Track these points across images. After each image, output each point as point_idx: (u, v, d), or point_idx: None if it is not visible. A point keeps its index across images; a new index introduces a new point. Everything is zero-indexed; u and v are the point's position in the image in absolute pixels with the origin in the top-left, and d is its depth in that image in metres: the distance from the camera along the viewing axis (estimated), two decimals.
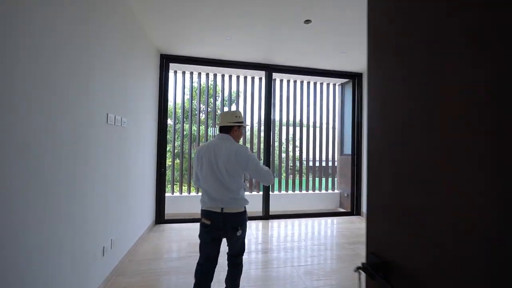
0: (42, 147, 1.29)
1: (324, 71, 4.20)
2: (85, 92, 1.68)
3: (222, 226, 1.53)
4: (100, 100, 1.88)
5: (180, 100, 5.00)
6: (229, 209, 1.54)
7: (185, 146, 4.83)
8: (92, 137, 1.78)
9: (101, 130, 1.91)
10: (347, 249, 2.84)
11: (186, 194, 4.48)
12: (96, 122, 1.83)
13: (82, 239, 1.67)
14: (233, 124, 1.65)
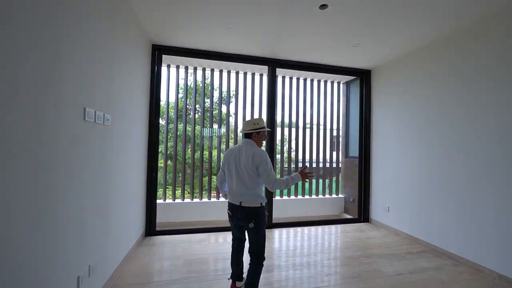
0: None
1: (331, 67, 3.90)
2: (56, 79, 1.28)
3: (240, 217, 1.82)
4: (75, 90, 1.48)
5: (174, 98, 4.59)
6: (246, 203, 1.80)
7: (178, 147, 4.42)
8: (63, 138, 1.38)
9: (76, 129, 1.51)
10: (364, 264, 2.53)
11: (180, 200, 4.07)
12: (70, 119, 1.44)
13: (46, 274, 1.27)
14: (252, 131, 1.91)
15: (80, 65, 1.53)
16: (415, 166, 3.20)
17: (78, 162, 1.53)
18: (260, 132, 1.91)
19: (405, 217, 3.33)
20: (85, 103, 1.59)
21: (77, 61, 1.50)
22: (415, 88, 3.25)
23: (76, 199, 1.53)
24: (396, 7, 2.28)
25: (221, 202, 4.12)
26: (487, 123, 2.41)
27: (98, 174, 1.81)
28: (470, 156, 2.55)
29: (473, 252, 2.49)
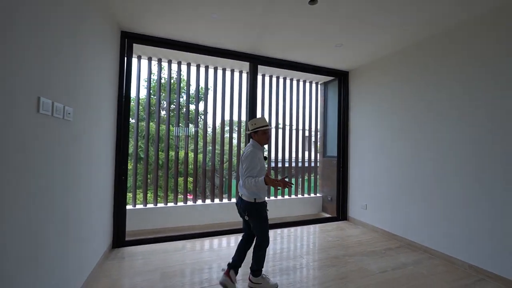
0: None
1: (312, 67, 3.90)
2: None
3: (239, 209, 2.06)
4: (26, 75, 1.17)
5: (146, 93, 4.18)
6: (244, 196, 2.00)
7: (150, 148, 4.05)
8: (8, 134, 1.07)
9: (28, 123, 1.20)
10: (350, 263, 2.53)
11: (152, 205, 3.71)
12: (19, 110, 1.13)
13: None
14: (250, 132, 2.08)
15: (36, 46, 1.22)
16: (392, 166, 3.33)
17: (29, 164, 1.22)
18: (258, 131, 2.04)
19: (382, 214, 3.45)
20: (39, 91, 1.28)
21: (35, 42, 1.19)
22: (391, 90, 3.39)
23: (25, 212, 1.22)
24: (382, 10, 2.32)
25: (198, 205, 3.86)
26: (458, 124, 2.58)
27: (56, 179, 1.49)
28: (441, 156, 2.72)
29: (446, 245, 2.65)
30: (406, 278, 2.25)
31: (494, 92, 2.30)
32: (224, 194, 4.14)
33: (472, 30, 2.47)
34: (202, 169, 4.05)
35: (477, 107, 2.43)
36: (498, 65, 2.28)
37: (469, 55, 2.51)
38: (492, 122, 2.31)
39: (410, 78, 3.13)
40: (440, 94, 2.77)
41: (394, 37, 2.90)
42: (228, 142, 5.04)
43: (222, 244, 3.04)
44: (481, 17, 2.39)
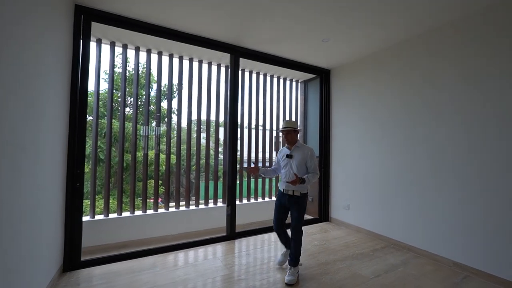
0: None
1: (295, 63, 3.74)
2: None
3: (285, 201, 2.34)
4: None
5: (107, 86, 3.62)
6: (295, 192, 2.27)
7: (112, 149, 3.48)
8: None
9: None
10: (342, 269, 2.39)
11: (115, 215, 3.17)
12: None
13: None
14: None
15: None
16: (374, 166, 3.32)
17: None
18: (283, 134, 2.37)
19: (365, 215, 3.43)
20: None
21: None
22: (373, 89, 3.38)
23: None
24: (371, 6, 2.22)
25: (171, 213, 3.43)
26: (438, 123, 2.61)
27: None
28: (423, 155, 2.74)
29: (429, 243, 2.67)
30: (399, 282, 2.17)
31: (474, 92, 2.35)
32: (201, 200, 3.76)
33: (451, 32, 2.52)
34: (176, 171, 3.61)
35: (457, 106, 2.47)
36: (478, 67, 2.34)
37: (449, 56, 2.55)
38: (472, 122, 2.36)
39: (391, 77, 3.13)
40: (419, 93, 2.80)
41: (379, 35, 2.86)
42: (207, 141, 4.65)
43: (199, 256, 2.69)
44: (457, 21, 2.45)
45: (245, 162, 4.49)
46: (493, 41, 2.25)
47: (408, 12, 2.38)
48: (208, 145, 3.83)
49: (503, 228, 2.15)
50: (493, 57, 2.25)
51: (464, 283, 2.19)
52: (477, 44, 2.35)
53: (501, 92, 2.19)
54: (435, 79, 2.68)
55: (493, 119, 2.23)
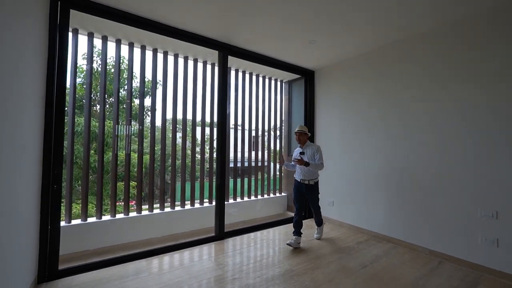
0: None
1: (282, 63, 3.80)
2: None
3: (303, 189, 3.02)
4: None
5: (84, 80, 3.35)
6: (311, 181, 3.00)
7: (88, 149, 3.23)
8: None
9: None
10: (332, 262, 2.49)
11: (94, 219, 2.95)
12: None
13: None
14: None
15: None
16: (357, 163, 3.50)
17: None
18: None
19: (348, 210, 3.60)
20: None
21: None
22: (356, 90, 3.56)
23: None
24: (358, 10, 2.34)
25: (156, 215, 3.28)
26: (419, 121, 2.84)
27: None
28: (401, 151, 2.97)
29: (407, 234, 2.90)
30: (385, 271, 2.33)
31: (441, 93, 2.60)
32: (186, 201, 3.65)
33: (424, 39, 2.76)
34: (161, 172, 3.47)
35: (436, 106, 2.71)
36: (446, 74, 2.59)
37: (428, 60, 2.79)
38: (452, 119, 2.60)
39: (373, 79, 3.33)
40: (401, 94, 3.02)
41: (364, 38, 3.02)
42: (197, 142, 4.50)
43: (189, 258, 2.61)
44: (432, 30, 2.69)
45: (231, 161, 4.45)
46: (458, 51, 2.51)
47: (383, 23, 2.55)
48: (194, 145, 3.73)
49: (469, 218, 2.40)
50: (459, 63, 2.50)
51: (438, 268, 2.40)
52: (445, 53, 2.60)
53: (462, 94, 2.45)
54: (408, 82, 2.91)
55: (458, 116, 2.49)
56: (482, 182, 2.35)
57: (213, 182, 3.69)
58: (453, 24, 2.57)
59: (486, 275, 2.27)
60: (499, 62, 2.27)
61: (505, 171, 2.21)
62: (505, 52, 2.24)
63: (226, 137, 3.26)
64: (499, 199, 2.24)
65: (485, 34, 2.37)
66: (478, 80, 2.39)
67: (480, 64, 2.38)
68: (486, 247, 2.30)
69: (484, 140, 2.35)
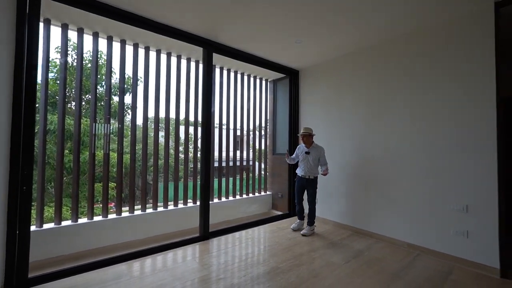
0: None
1: (267, 62, 3.81)
2: None
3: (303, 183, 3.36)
4: None
5: (61, 75, 3.16)
6: (311, 175, 3.33)
7: (64, 147, 3.04)
8: None
9: None
10: (316, 258, 2.52)
11: (69, 222, 2.78)
12: None
13: None
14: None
15: None
16: (339, 161, 3.59)
17: None
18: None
19: (332, 207, 3.68)
20: None
21: None
22: (339, 89, 3.65)
23: None
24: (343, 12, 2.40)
25: (136, 216, 3.16)
26: (398, 121, 2.97)
27: None
28: (382, 151, 3.08)
29: (387, 229, 3.02)
30: (367, 265, 2.40)
31: (420, 92, 2.74)
32: (170, 201, 3.55)
33: (403, 43, 2.89)
34: (142, 172, 3.34)
35: (413, 106, 2.85)
36: (426, 72, 2.73)
37: (410, 62, 2.92)
38: (423, 121, 2.74)
39: (356, 79, 3.44)
40: (382, 95, 3.14)
41: (346, 39, 3.10)
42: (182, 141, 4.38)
43: (173, 260, 2.54)
44: (411, 33, 2.82)
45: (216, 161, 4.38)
46: (437, 52, 2.65)
47: (364, 24, 2.64)
48: (177, 144, 3.63)
49: (442, 212, 2.55)
50: (439, 63, 2.65)
51: (416, 260, 2.53)
52: (426, 54, 2.74)
53: (443, 93, 2.60)
54: (389, 81, 3.03)
55: (433, 115, 2.63)
56: (454, 178, 2.49)
57: (198, 182, 3.63)
58: (432, 27, 2.71)
59: (458, 264, 2.41)
60: (476, 63, 2.42)
61: (474, 167, 2.37)
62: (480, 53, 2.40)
63: (211, 136, 3.19)
64: (469, 194, 2.39)
65: (467, 36, 2.52)
66: (453, 79, 2.54)
67: (461, 64, 2.51)
68: (457, 239, 2.45)
69: (454, 137, 2.50)
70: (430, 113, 2.70)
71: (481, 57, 2.35)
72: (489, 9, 2.30)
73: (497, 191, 2.23)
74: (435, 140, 2.65)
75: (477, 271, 2.29)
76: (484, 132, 2.32)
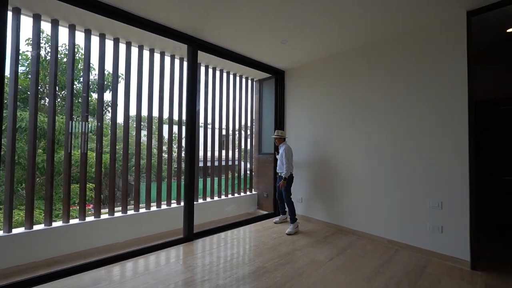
0: None
1: (253, 61, 3.80)
2: None
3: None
4: None
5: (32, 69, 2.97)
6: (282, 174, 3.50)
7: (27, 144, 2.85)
8: None
9: None
10: (301, 257, 2.56)
11: (42, 226, 2.60)
12: None
13: None
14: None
15: None
16: (324, 161, 3.66)
17: None
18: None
19: (316, 206, 3.75)
20: None
21: None
22: (324, 90, 3.72)
23: None
24: (327, 13, 2.45)
25: (117, 218, 3.03)
26: (382, 121, 3.08)
27: None
28: (366, 152, 3.19)
29: (368, 226, 3.12)
30: (350, 262, 2.47)
31: (404, 92, 2.87)
32: (153, 202, 3.44)
33: (389, 45, 3.01)
34: (123, 172, 3.21)
35: (394, 106, 2.96)
36: (410, 75, 2.85)
37: (390, 65, 3.03)
38: (407, 121, 2.86)
39: (341, 80, 3.52)
40: (368, 95, 3.24)
41: (333, 40, 3.17)
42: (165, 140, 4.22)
43: (156, 262, 2.46)
44: (397, 36, 2.94)
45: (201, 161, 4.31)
46: (423, 54, 2.78)
47: (350, 26, 2.72)
48: (161, 143, 3.53)
49: (419, 209, 2.68)
50: (420, 68, 2.78)
51: (395, 255, 2.63)
52: (410, 56, 2.87)
53: (417, 96, 2.73)
54: (373, 82, 3.14)
55: (410, 116, 2.76)
56: (430, 177, 2.63)
57: (182, 182, 3.55)
58: (406, 34, 2.83)
59: (434, 258, 2.55)
60: (449, 70, 2.56)
61: (448, 165, 2.51)
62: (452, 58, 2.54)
63: (196, 136, 3.13)
64: (444, 192, 2.53)
65: (443, 42, 2.65)
66: (434, 85, 2.67)
67: (440, 70, 2.65)
68: (433, 234, 2.59)
69: (432, 137, 2.63)
70: (410, 113, 2.82)
71: (453, 63, 2.50)
72: (462, 18, 2.45)
73: (469, 188, 2.37)
74: (412, 140, 2.77)
75: (451, 264, 2.43)
76: (457, 133, 2.46)
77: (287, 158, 3.43)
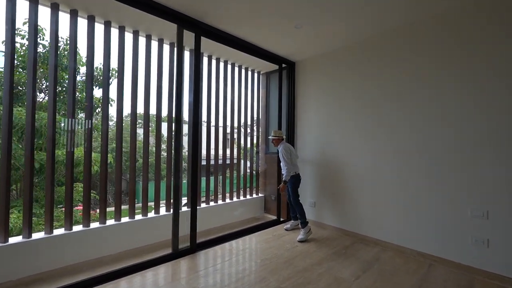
0: None
1: (262, 50, 3.42)
2: None
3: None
4: None
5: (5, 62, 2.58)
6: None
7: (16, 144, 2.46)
8: None
9: None
10: (322, 274, 2.19)
11: (19, 239, 2.23)
12: None
13: None
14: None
15: None
16: (340, 161, 3.29)
17: None
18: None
19: (331, 211, 3.38)
20: None
21: None
22: (339, 84, 3.34)
23: None
24: None
25: (109, 226, 2.66)
26: (407, 123, 2.70)
27: None
28: (390, 151, 2.81)
29: (394, 236, 2.75)
30: (380, 281, 2.10)
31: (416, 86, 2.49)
32: (150, 202, 3.06)
33: (399, 36, 2.62)
34: (117, 174, 2.83)
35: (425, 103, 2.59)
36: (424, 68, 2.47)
37: (405, 55, 2.65)
38: (441, 119, 2.49)
39: (356, 73, 3.14)
40: (382, 89, 2.86)
41: (348, 30, 2.78)
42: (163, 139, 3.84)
43: (154, 282, 2.09)
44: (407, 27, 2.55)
45: (203, 159, 3.94)
46: (430, 46, 2.40)
47: (376, 10, 2.33)
48: (159, 142, 3.16)
49: (460, 218, 2.31)
50: (431, 57, 2.40)
51: (430, 271, 2.27)
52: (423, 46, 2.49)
53: (437, 86, 2.35)
54: (396, 77, 2.76)
55: (447, 116, 2.38)
56: (472, 180, 2.26)
57: (180, 182, 3.18)
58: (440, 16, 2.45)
59: (477, 276, 2.18)
60: (498, 60, 2.19)
61: (493, 169, 2.14)
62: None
63: (199, 134, 2.75)
64: (490, 198, 2.16)
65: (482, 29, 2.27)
66: (472, 78, 2.29)
67: (479, 63, 2.27)
68: (476, 248, 2.22)
69: (474, 140, 2.26)
70: (451, 107, 2.44)
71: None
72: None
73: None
74: (448, 136, 2.40)
75: (499, 284, 2.07)
76: (506, 127, 2.09)
77: (285, 159, 3.16)
